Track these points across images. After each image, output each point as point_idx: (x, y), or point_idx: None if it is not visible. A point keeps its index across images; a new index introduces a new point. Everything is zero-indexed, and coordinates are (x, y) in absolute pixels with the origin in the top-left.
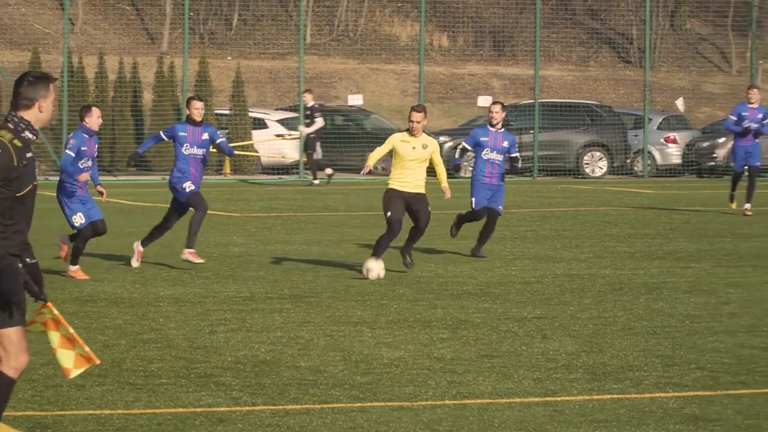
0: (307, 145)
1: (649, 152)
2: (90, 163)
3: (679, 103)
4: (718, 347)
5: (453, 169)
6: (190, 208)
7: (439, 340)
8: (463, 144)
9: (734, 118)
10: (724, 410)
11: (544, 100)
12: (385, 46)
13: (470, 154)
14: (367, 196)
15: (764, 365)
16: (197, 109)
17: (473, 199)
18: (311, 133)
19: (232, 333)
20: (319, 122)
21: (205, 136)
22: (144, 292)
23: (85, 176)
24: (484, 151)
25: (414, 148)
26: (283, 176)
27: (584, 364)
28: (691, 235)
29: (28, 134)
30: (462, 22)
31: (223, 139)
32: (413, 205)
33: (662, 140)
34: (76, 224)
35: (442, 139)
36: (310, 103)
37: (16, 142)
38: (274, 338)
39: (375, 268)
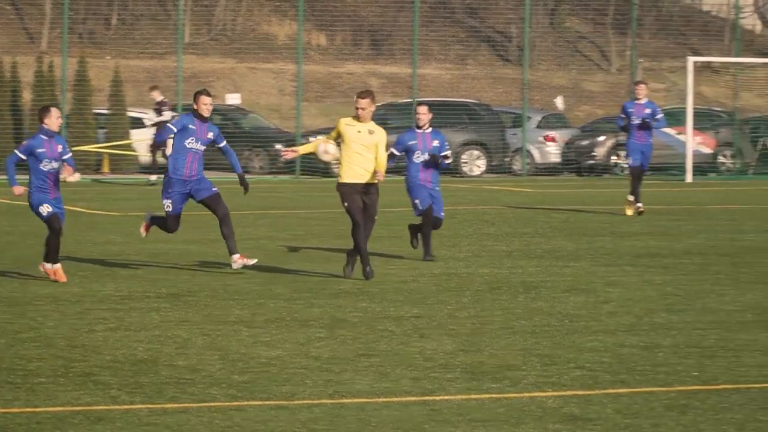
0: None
1: (528, 151)
2: (55, 164)
3: (559, 102)
4: (598, 346)
5: None
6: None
7: (317, 339)
8: (392, 150)
9: (623, 116)
10: (603, 409)
11: (422, 99)
12: (263, 45)
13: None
14: (245, 195)
15: (643, 364)
16: (206, 105)
17: (416, 201)
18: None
19: (111, 332)
20: (167, 117)
21: (210, 135)
22: (22, 290)
23: (18, 190)
24: (415, 155)
25: (359, 132)
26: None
27: (462, 363)
28: (570, 233)
29: None
30: (340, 21)
31: (226, 144)
32: (365, 198)
33: (541, 139)
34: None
35: (319, 138)
36: (158, 98)
37: None
38: (152, 337)
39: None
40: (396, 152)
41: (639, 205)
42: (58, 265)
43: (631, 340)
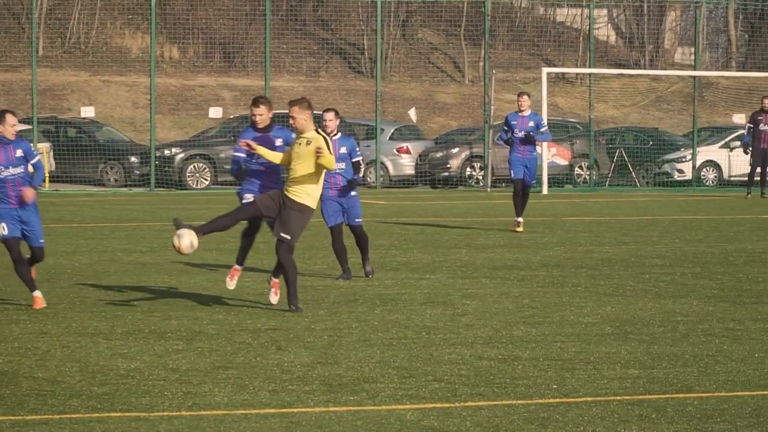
0: None
1: (382, 163)
2: (13, 171)
3: (412, 113)
4: (456, 359)
5: None
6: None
7: (174, 351)
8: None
9: (506, 129)
10: (462, 422)
11: (278, 111)
12: (117, 58)
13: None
14: (101, 208)
15: (502, 377)
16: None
17: (324, 217)
18: None
19: None
20: None
21: (279, 142)
22: None
23: None
24: None
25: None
26: None
27: (320, 375)
28: (426, 246)
29: None
30: (192, 34)
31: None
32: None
33: (395, 151)
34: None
35: (174, 150)
36: None
37: None
38: (12, 349)
39: (186, 235)
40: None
41: (519, 220)
42: (36, 293)
43: (490, 353)
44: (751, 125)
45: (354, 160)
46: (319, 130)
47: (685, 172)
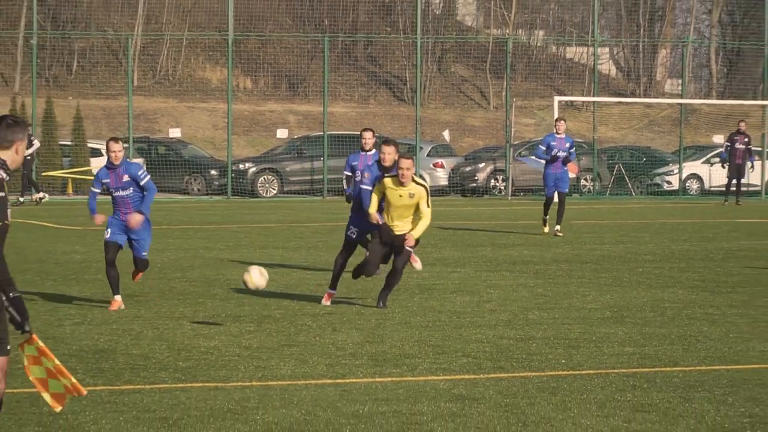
0: (24, 165)
1: (421, 175)
2: (122, 192)
3: (446, 135)
4: (481, 338)
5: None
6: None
7: (247, 332)
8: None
9: (544, 148)
10: (486, 391)
11: (331, 132)
12: (199, 87)
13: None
14: (185, 213)
15: (519, 353)
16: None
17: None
18: (27, 155)
19: (76, 326)
20: (36, 144)
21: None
22: None
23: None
24: (357, 175)
25: (401, 196)
26: None
27: (368, 352)
28: (456, 244)
29: (2, 173)
30: (263, 68)
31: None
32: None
33: (431, 165)
34: None
35: (248, 164)
36: None
37: None
38: (110, 330)
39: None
40: (347, 173)
41: (558, 227)
42: (116, 297)
43: (509, 333)
44: (729, 144)
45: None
46: (420, 180)
47: (673, 183)
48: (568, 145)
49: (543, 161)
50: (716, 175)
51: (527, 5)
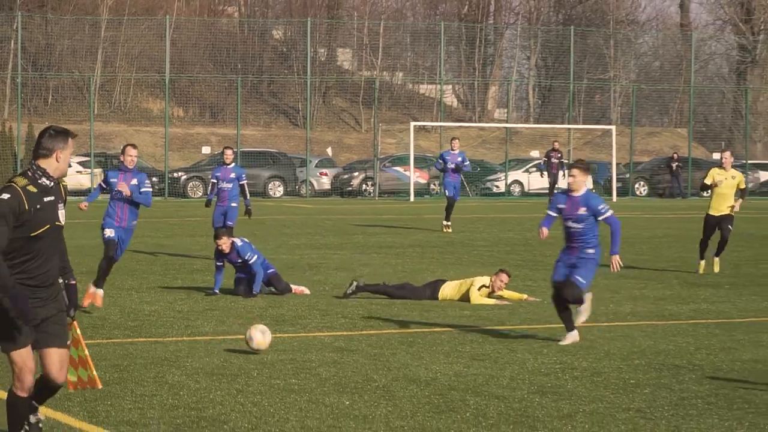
0: None
1: (310, 181)
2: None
3: (329, 151)
4: (356, 304)
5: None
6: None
7: (179, 300)
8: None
9: (441, 161)
10: (359, 344)
11: (243, 149)
12: (144, 115)
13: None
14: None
15: (384, 315)
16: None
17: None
18: None
19: None
20: None
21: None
22: None
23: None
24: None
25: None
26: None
27: (271, 314)
28: (337, 233)
29: (45, 181)
30: (191, 100)
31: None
32: None
33: (318, 174)
34: None
35: (180, 173)
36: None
37: (31, 188)
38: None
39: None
40: (213, 180)
41: (448, 223)
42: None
43: (377, 300)
44: (546, 159)
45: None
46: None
47: (500, 187)
48: (460, 159)
49: (438, 170)
50: (534, 181)
51: (390, 53)
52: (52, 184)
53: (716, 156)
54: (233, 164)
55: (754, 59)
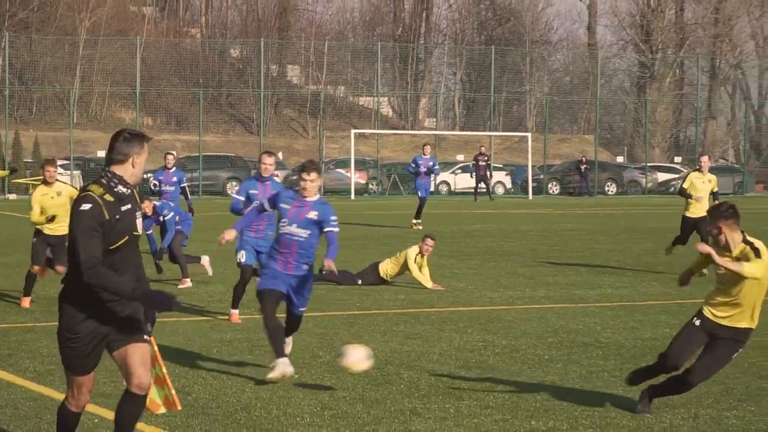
0: None
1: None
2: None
3: (280, 155)
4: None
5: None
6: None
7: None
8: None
9: (413, 165)
10: (306, 324)
11: (204, 154)
12: (117, 124)
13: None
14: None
15: (328, 299)
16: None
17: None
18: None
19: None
20: None
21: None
22: None
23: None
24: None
25: None
26: None
27: (229, 299)
28: None
29: (121, 188)
30: (159, 110)
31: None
32: None
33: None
34: None
35: (149, 175)
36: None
37: (107, 196)
38: (45, 281)
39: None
40: (155, 182)
41: (419, 221)
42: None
43: (322, 286)
44: (474, 162)
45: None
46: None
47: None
48: (431, 163)
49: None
50: (459, 181)
51: (333, 69)
52: (129, 191)
53: (619, 159)
54: (174, 168)
55: (653, 75)
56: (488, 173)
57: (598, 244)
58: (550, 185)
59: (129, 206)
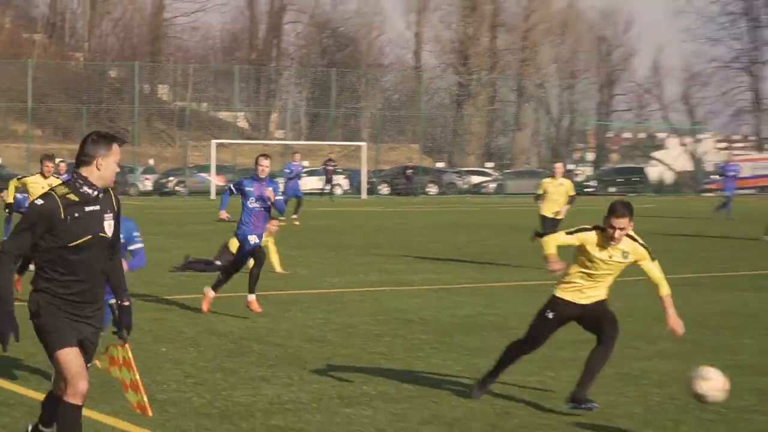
0: None
1: (136, 184)
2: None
3: (151, 162)
4: (175, 276)
5: None
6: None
7: None
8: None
9: (288, 170)
10: (174, 306)
11: None
12: (12, 135)
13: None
14: None
15: (195, 283)
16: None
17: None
18: None
19: None
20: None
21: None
22: None
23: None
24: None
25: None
26: None
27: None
28: (156, 223)
29: (86, 189)
30: (48, 123)
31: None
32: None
33: (143, 178)
34: None
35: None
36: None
37: (71, 196)
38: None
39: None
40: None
41: (295, 217)
42: None
43: (190, 271)
44: (324, 167)
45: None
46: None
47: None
48: (300, 168)
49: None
50: (305, 184)
51: (197, 88)
52: (96, 193)
53: (440, 164)
54: (66, 174)
55: (469, 93)
56: (335, 176)
57: (421, 236)
58: (380, 187)
59: (96, 208)
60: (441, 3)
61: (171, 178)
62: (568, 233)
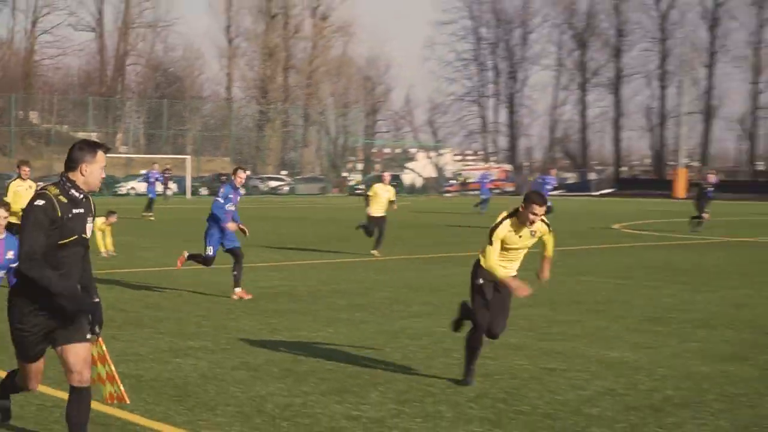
0: None
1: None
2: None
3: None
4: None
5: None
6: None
7: None
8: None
9: (153, 178)
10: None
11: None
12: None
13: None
14: None
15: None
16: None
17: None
18: None
19: None
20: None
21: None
22: None
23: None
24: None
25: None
26: None
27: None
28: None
29: (74, 192)
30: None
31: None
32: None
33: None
34: None
35: None
36: None
37: (61, 197)
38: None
39: None
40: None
41: (149, 214)
42: None
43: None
44: (162, 174)
45: None
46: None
47: (124, 191)
48: (158, 175)
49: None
50: (142, 187)
51: (60, 113)
52: (82, 196)
53: (247, 172)
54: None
55: (268, 119)
56: (169, 183)
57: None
58: (201, 189)
59: (81, 210)
60: (246, 50)
61: (40, 183)
62: (491, 243)
